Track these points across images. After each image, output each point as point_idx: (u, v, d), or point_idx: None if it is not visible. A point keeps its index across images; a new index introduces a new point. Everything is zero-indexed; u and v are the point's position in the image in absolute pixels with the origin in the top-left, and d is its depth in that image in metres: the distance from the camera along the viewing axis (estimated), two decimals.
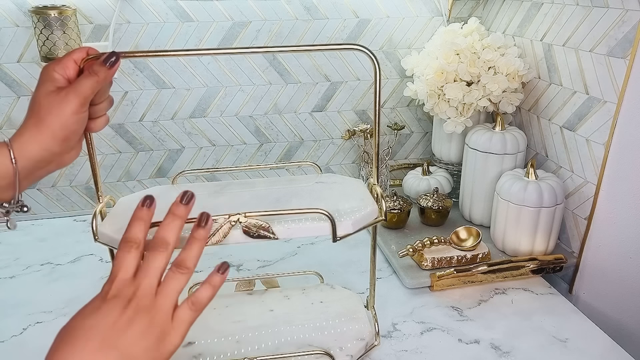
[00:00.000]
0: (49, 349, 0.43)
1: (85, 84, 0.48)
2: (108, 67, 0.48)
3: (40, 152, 0.47)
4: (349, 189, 0.65)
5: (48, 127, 0.47)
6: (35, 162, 0.48)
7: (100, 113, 0.52)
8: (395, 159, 1.22)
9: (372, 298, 0.71)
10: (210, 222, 0.50)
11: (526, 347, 0.69)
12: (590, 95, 0.81)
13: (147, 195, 0.49)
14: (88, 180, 1.07)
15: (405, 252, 0.84)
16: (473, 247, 0.85)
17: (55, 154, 0.48)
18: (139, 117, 1.05)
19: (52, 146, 0.48)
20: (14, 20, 0.93)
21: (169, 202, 0.50)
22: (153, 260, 0.46)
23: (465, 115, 0.96)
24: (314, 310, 0.71)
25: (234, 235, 0.54)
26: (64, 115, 0.47)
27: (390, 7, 1.07)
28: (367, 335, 0.67)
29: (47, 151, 0.48)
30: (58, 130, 0.47)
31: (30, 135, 0.47)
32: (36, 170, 0.49)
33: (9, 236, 1.00)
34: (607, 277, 0.80)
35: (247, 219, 0.54)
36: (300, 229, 0.56)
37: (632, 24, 0.71)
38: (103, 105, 0.52)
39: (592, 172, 0.81)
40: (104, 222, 0.57)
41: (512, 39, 1.00)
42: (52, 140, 0.47)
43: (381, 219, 0.60)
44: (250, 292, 0.76)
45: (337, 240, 0.56)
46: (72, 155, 0.51)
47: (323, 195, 0.63)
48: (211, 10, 1.00)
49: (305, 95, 1.11)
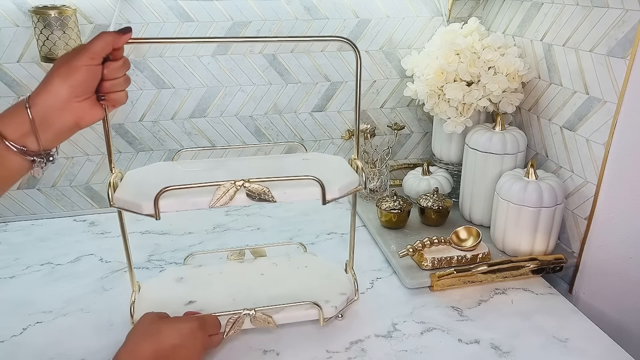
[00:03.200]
0: None
1: (95, 42, 0.55)
2: (120, 33, 0.56)
3: (50, 97, 0.54)
4: (333, 164, 0.75)
5: (59, 74, 0.54)
6: (47, 108, 0.54)
7: (119, 88, 0.59)
8: (395, 159, 1.22)
9: (351, 261, 0.79)
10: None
11: (526, 347, 0.69)
12: (590, 95, 0.81)
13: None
14: (88, 180, 1.07)
15: (405, 252, 0.84)
16: (473, 247, 0.85)
17: (65, 99, 0.54)
18: (139, 117, 1.05)
19: (60, 89, 0.54)
20: (14, 20, 0.93)
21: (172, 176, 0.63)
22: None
23: (465, 115, 0.96)
24: (300, 273, 0.81)
25: (238, 198, 0.62)
26: (73, 64, 0.54)
27: (390, 7, 1.07)
28: (348, 292, 0.76)
29: (56, 95, 0.54)
30: (66, 75, 0.53)
31: (43, 84, 0.54)
32: (51, 119, 0.54)
33: (9, 236, 1.00)
34: (607, 277, 0.80)
35: (250, 184, 0.62)
36: (295, 194, 0.64)
37: (632, 24, 0.71)
38: (120, 81, 0.58)
39: (592, 172, 0.81)
40: (116, 191, 0.64)
41: (512, 39, 1.00)
42: (60, 84, 0.54)
43: (361, 187, 0.69)
44: (241, 261, 0.85)
45: (326, 202, 0.64)
46: (91, 113, 0.57)
47: (311, 168, 0.70)
48: (211, 10, 1.00)
49: (305, 95, 1.11)
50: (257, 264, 0.83)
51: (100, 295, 0.81)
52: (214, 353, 0.68)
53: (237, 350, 0.69)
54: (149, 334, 0.59)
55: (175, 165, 0.74)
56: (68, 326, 0.73)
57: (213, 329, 0.66)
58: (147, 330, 0.60)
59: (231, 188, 0.62)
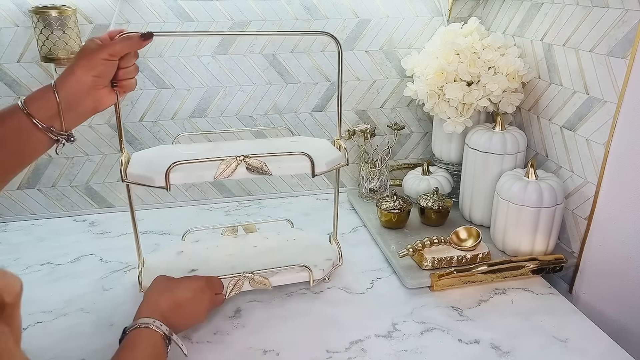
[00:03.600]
0: None
1: (118, 43, 0.63)
2: (142, 39, 0.64)
3: (75, 84, 0.60)
4: (318, 144, 0.84)
5: (83, 65, 0.61)
6: (72, 93, 0.60)
7: (129, 76, 0.66)
8: (395, 159, 1.22)
9: (335, 232, 0.90)
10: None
11: (526, 347, 0.69)
12: (590, 95, 0.81)
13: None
14: (88, 180, 1.07)
15: (405, 252, 0.84)
16: (473, 247, 0.85)
17: (85, 85, 0.61)
18: (139, 117, 1.05)
19: (84, 77, 0.61)
20: (14, 20, 0.93)
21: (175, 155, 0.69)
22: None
23: (465, 115, 0.96)
24: (289, 244, 0.90)
25: (239, 171, 0.71)
26: (95, 57, 0.61)
27: (390, 7, 1.07)
28: (333, 258, 0.86)
29: (80, 80, 0.61)
30: (89, 67, 0.61)
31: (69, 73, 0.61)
32: (75, 103, 0.61)
33: (9, 236, 1.00)
34: (607, 277, 0.80)
35: (249, 159, 0.71)
36: (288, 167, 0.73)
37: (632, 24, 0.71)
38: (131, 69, 0.66)
39: (592, 172, 0.81)
40: (128, 168, 0.71)
41: (512, 39, 1.00)
42: (84, 73, 0.61)
43: (345, 164, 0.78)
44: (235, 236, 0.93)
45: (315, 175, 0.73)
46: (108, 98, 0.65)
47: (300, 147, 0.77)
48: (211, 10, 1.00)
49: (305, 95, 1.11)
50: (249, 239, 0.92)
51: (100, 295, 0.81)
52: (215, 352, 0.68)
53: (237, 350, 0.69)
54: (165, 290, 0.67)
55: (175, 148, 0.81)
56: (68, 326, 0.73)
57: (217, 288, 0.74)
58: (162, 288, 0.68)
59: (233, 162, 0.70)
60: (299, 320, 0.76)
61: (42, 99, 0.59)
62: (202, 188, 1.14)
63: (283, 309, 0.78)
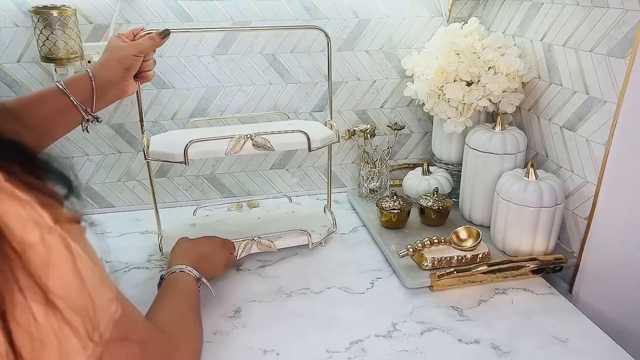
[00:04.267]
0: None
1: (144, 42, 0.75)
2: (162, 37, 0.76)
3: (109, 75, 0.72)
4: (312, 125, 0.95)
5: (115, 58, 0.72)
6: (105, 81, 0.71)
7: (148, 68, 0.78)
8: (395, 159, 1.22)
9: (329, 203, 1.02)
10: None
11: (526, 347, 0.69)
12: (590, 95, 0.81)
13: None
14: (88, 180, 1.07)
15: (405, 252, 0.84)
16: (473, 247, 0.85)
17: (117, 76, 0.72)
18: (139, 117, 1.05)
19: (116, 68, 0.72)
20: (14, 20, 0.93)
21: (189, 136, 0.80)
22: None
23: (465, 115, 0.96)
24: (289, 216, 1.03)
25: (246, 147, 0.81)
26: (126, 54, 0.73)
27: (390, 7, 1.07)
28: (328, 225, 0.98)
29: (113, 72, 0.72)
30: (120, 59, 0.72)
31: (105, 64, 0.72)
32: (107, 90, 0.72)
33: None
34: (607, 277, 0.80)
35: (255, 137, 0.82)
36: (288, 144, 0.84)
37: (632, 24, 0.71)
38: (150, 62, 0.79)
39: (592, 172, 0.81)
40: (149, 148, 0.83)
41: (512, 39, 1.00)
42: (117, 66, 0.72)
43: (337, 141, 0.90)
44: (240, 211, 1.06)
45: (311, 150, 0.84)
46: (132, 87, 0.76)
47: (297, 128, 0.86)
48: (211, 10, 1.00)
49: (305, 95, 1.11)
50: (253, 212, 1.05)
51: None
52: (215, 352, 0.68)
53: (237, 350, 0.69)
54: (190, 246, 0.79)
55: (188, 132, 0.92)
56: None
57: (231, 248, 0.85)
58: (187, 244, 0.79)
59: (241, 139, 0.81)
60: (299, 320, 0.76)
61: (79, 84, 0.70)
62: (202, 188, 1.14)
63: (283, 309, 0.78)
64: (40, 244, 0.29)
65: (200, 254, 0.77)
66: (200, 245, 0.79)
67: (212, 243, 0.82)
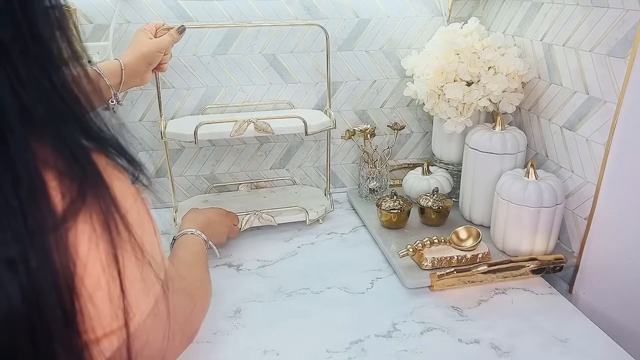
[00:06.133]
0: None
1: (166, 38, 0.85)
2: (179, 33, 0.86)
3: (134, 65, 0.81)
4: (311, 113, 1.05)
5: (142, 51, 0.82)
6: (131, 70, 0.80)
7: (165, 61, 0.87)
8: (395, 159, 1.22)
9: (328, 186, 1.12)
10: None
11: (526, 347, 0.69)
12: (591, 95, 0.81)
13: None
14: None
15: (405, 252, 0.84)
16: (473, 247, 0.85)
17: (142, 68, 0.82)
18: (139, 117, 1.05)
19: (141, 62, 0.82)
20: None
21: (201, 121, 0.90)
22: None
23: (465, 115, 0.96)
24: (292, 196, 1.13)
25: (248, 130, 0.91)
26: (151, 49, 0.82)
27: (390, 7, 1.07)
28: (326, 204, 1.07)
29: (139, 65, 0.81)
30: (145, 54, 0.82)
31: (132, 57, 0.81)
32: (131, 78, 0.81)
33: None
34: (607, 277, 0.80)
35: (257, 120, 0.91)
36: (287, 128, 0.94)
37: (632, 24, 0.71)
38: (168, 56, 0.87)
39: (592, 172, 0.81)
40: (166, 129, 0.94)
41: (512, 39, 1.00)
42: (142, 59, 0.82)
43: (333, 127, 0.99)
44: (248, 191, 1.15)
45: (308, 134, 0.94)
46: (149, 77, 0.86)
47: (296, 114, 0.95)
48: (211, 10, 1.00)
49: (305, 95, 1.11)
50: (260, 192, 1.15)
51: None
52: (215, 352, 0.68)
53: (237, 350, 0.69)
54: (199, 213, 0.87)
55: (200, 117, 1.03)
56: None
57: (235, 220, 0.95)
58: (197, 212, 0.88)
59: (244, 123, 0.90)
60: (299, 320, 0.76)
61: (112, 70, 0.79)
62: (203, 188, 1.14)
63: (283, 309, 0.78)
64: (134, 209, 0.36)
65: (207, 219, 0.85)
66: (207, 213, 0.88)
67: (218, 213, 0.91)
